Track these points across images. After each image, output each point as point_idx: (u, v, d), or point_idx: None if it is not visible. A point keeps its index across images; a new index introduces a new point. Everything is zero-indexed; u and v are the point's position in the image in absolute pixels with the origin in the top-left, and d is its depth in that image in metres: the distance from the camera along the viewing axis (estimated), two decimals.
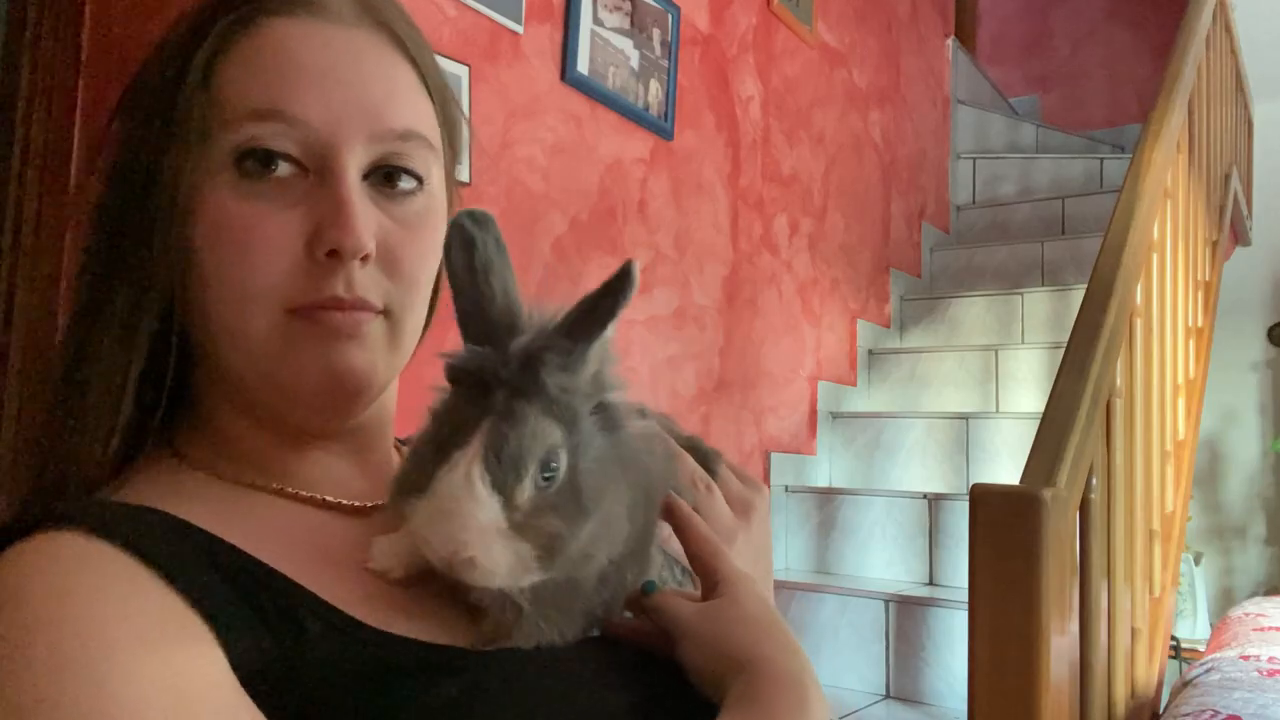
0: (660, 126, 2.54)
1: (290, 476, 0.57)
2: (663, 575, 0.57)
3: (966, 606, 1.15)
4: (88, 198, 0.58)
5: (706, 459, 0.63)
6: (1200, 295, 2.97)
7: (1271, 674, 1.80)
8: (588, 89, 2.31)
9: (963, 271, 3.97)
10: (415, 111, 0.57)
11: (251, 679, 0.42)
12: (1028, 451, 1.32)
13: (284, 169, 0.53)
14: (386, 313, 0.55)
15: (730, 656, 0.49)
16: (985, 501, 1.16)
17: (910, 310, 3.77)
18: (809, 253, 3.25)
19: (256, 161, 0.52)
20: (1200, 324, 2.92)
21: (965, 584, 1.15)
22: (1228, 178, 3.67)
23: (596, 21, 2.33)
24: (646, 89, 2.49)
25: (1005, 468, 2.83)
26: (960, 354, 3.31)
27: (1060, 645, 1.14)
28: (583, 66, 2.29)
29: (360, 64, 0.54)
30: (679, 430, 0.64)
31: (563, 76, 2.26)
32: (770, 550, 0.65)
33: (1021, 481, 1.24)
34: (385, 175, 0.55)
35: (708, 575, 0.54)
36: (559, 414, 0.46)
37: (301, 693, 0.43)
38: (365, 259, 0.53)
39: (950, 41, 4.52)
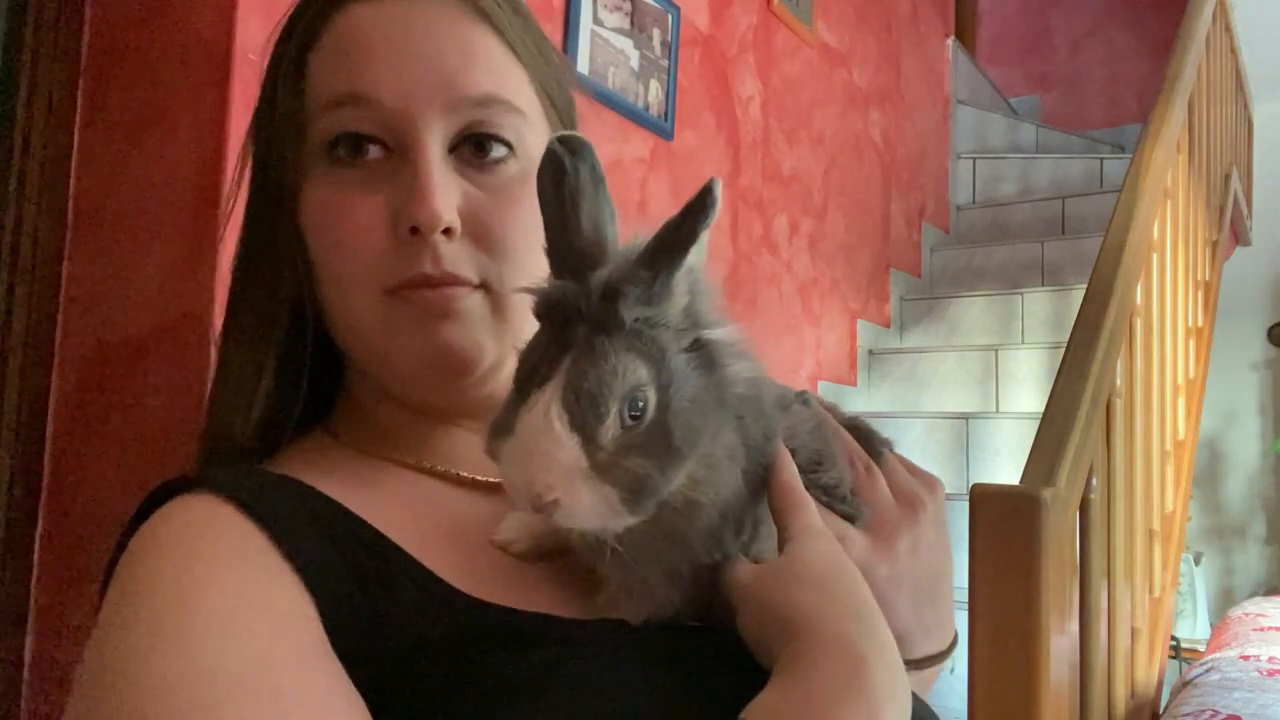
0: (660, 126, 2.54)
1: (427, 452, 0.58)
2: None
3: (966, 606, 1.15)
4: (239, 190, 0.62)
5: (870, 441, 0.57)
6: (1200, 295, 2.97)
7: (1271, 674, 1.80)
8: (588, 89, 2.31)
9: (963, 271, 3.97)
10: (496, 77, 0.56)
11: (344, 639, 0.44)
12: (1028, 451, 1.32)
13: (374, 152, 0.54)
14: (484, 286, 0.55)
15: (782, 620, 0.43)
16: (985, 501, 1.16)
17: (910, 310, 3.77)
18: (809, 253, 3.25)
19: (346, 148, 0.54)
20: (1200, 324, 2.92)
21: (965, 584, 1.15)
22: (1228, 178, 3.67)
23: (596, 21, 2.34)
24: (646, 89, 2.49)
25: (1005, 468, 2.83)
26: (960, 354, 3.31)
27: (1060, 645, 1.14)
28: (583, 66, 2.29)
29: (432, 35, 0.54)
30: (841, 412, 0.59)
31: None
32: (947, 556, 0.57)
33: (1021, 481, 1.24)
34: (476, 145, 0.55)
35: (782, 530, 0.48)
36: (643, 349, 0.43)
37: (389, 656, 0.44)
38: (449, 233, 0.53)
39: (950, 41, 4.52)
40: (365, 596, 0.46)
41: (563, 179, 0.46)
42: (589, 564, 0.50)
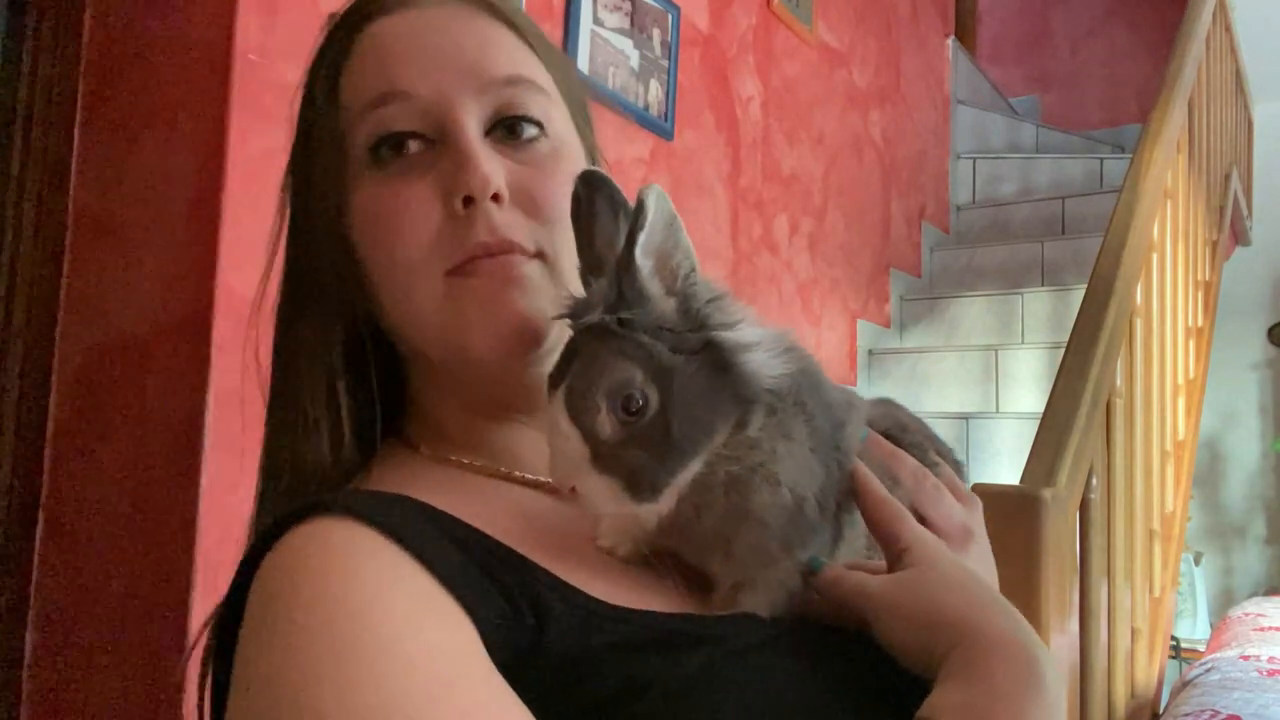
0: (660, 126, 2.54)
1: (511, 459, 0.59)
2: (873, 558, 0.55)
3: None
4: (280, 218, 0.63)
5: (923, 456, 0.60)
6: (1200, 295, 2.97)
7: (1271, 674, 1.80)
8: (595, 94, 2.31)
9: (963, 271, 3.97)
10: (515, 61, 0.59)
11: (504, 659, 0.43)
12: (1028, 451, 1.32)
13: (414, 147, 0.56)
14: (540, 255, 0.57)
15: (941, 626, 0.45)
16: (985, 501, 1.15)
17: (910, 310, 3.77)
18: (809, 253, 3.25)
19: (389, 148, 0.56)
20: (1200, 324, 2.92)
21: None
22: (1228, 178, 3.67)
23: (596, 21, 2.33)
24: (646, 89, 2.49)
25: (1005, 468, 2.84)
26: (960, 354, 3.31)
27: (1060, 645, 1.14)
28: (583, 66, 2.29)
29: (452, 32, 0.58)
30: (900, 416, 0.61)
31: None
32: (994, 571, 0.60)
33: (1021, 481, 1.24)
34: (507, 128, 0.58)
35: (891, 542, 0.50)
36: (630, 352, 0.47)
37: (547, 670, 0.44)
38: (498, 199, 0.55)
39: (950, 41, 4.52)
40: (516, 614, 0.46)
41: (579, 209, 0.53)
42: (695, 561, 0.52)
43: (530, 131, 0.58)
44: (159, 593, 1.48)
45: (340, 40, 0.59)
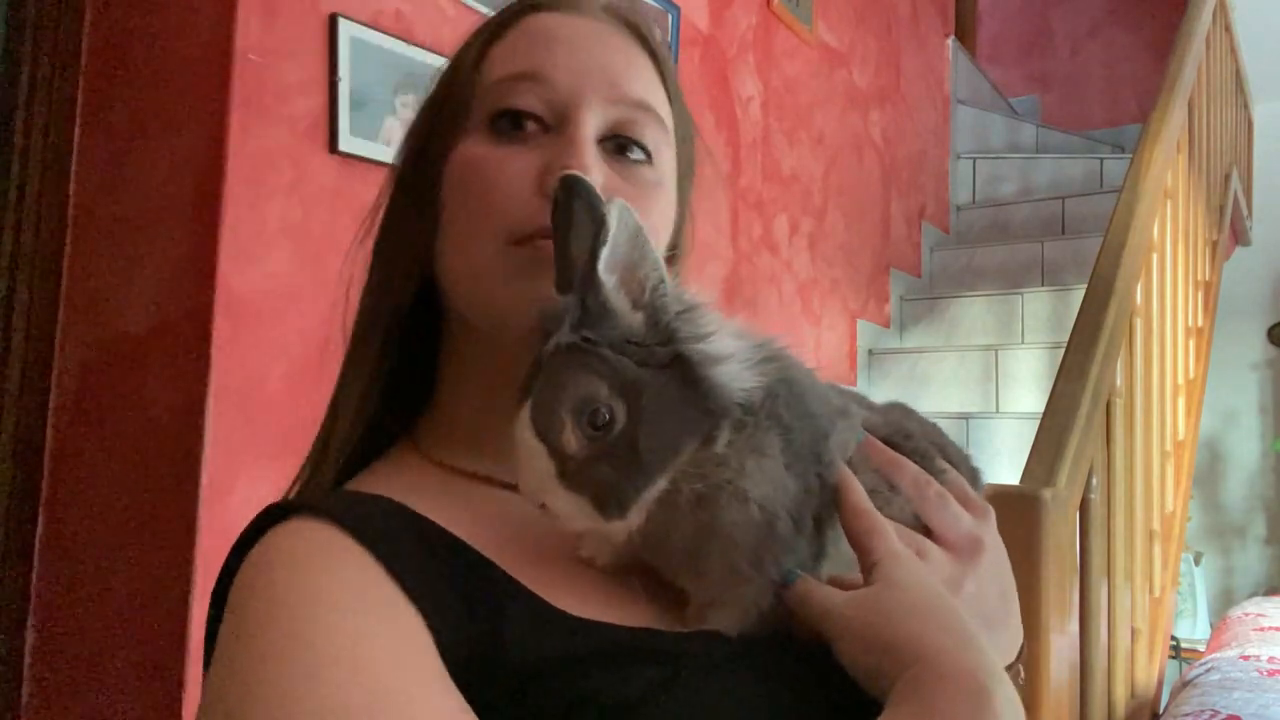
0: None
1: (509, 459, 0.59)
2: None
3: None
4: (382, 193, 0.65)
5: (929, 464, 0.58)
6: (1200, 295, 2.97)
7: (1271, 674, 1.80)
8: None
9: (963, 271, 3.97)
10: (649, 92, 0.61)
11: (458, 668, 0.44)
12: (1028, 451, 1.32)
13: (530, 128, 0.58)
14: None
15: (891, 650, 0.43)
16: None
17: (910, 310, 3.77)
18: (809, 253, 3.25)
19: (507, 122, 0.58)
20: (1200, 324, 2.92)
21: None
22: (1228, 178, 3.67)
23: None
24: None
25: (1005, 468, 2.83)
26: (960, 354, 3.31)
27: (1060, 645, 1.14)
28: None
29: (605, 44, 0.60)
30: (904, 424, 0.59)
31: None
32: (1010, 576, 0.58)
33: (1021, 481, 1.24)
34: (619, 145, 0.59)
35: (864, 556, 0.49)
36: (595, 366, 0.46)
37: (502, 680, 0.45)
38: None
39: (950, 41, 4.52)
40: (475, 623, 0.46)
41: (556, 212, 0.52)
42: (669, 576, 0.51)
43: (638, 155, 0.59)
44: (159, 593, 1.48)
45: (499, 23, 0.61)
